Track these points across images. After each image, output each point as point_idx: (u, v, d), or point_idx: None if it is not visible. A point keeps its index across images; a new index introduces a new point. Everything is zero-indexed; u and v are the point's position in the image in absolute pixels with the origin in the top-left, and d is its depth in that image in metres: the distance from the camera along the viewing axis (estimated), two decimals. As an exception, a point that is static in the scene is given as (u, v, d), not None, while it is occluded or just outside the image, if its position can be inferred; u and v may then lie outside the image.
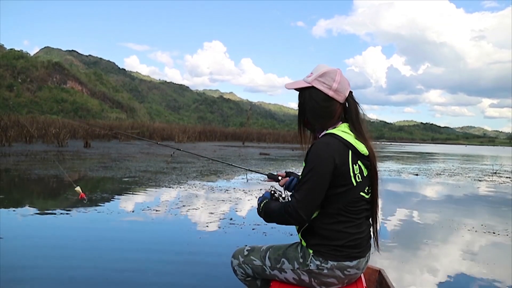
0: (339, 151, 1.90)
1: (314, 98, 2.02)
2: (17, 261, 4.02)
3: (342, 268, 1.97)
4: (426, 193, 10.68)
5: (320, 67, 2.07)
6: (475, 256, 4.86)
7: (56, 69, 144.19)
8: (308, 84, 2.03)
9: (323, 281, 2.01)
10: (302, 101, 2.09)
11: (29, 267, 3.84)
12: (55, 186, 9.13)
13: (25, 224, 5.60)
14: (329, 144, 1.91)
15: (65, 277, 3.61)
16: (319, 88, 2.00)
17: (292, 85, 2.12)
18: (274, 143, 51.29)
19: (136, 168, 13.07)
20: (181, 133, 40.09)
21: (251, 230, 5.50)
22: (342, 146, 1.92)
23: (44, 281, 3.51)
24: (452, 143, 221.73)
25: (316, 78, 2.02)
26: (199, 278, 3.75)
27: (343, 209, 1.94)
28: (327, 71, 2.02)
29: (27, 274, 3.65)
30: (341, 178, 1.90)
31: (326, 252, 1.97)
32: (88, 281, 3.56)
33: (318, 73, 2.03)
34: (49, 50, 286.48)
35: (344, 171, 1.90)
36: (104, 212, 6.42)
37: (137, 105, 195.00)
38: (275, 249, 2.18)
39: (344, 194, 1.93)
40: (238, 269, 2.28)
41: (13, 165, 12.68)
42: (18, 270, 3.77)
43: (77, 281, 3.54)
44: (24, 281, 3.47)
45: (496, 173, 17.56)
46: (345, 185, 1.92)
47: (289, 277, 2.09)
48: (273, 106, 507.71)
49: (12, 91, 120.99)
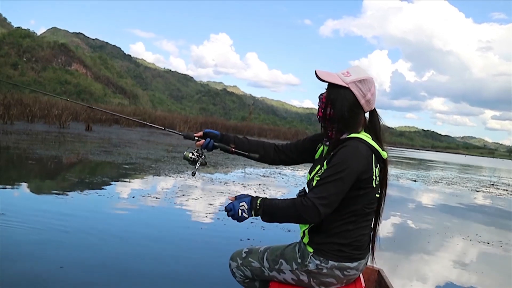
0: (367, 156, 1.92)
1: (348, 100, 1.96)
2: (16, 240, 4.08)
3: (342, 269, 1.98)
4: (423, 200, 10.74)
5: (359, 70, 2.03)
6: (468, 264, 4.92)
7: (61, 50, 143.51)
8: (345, 84, 1.97)
9: (322, 281, 2.01)
10: (333, 97, 2.00)
11: (27, 247, 3.91)
12: (55, 167, 9.19)
13: (24, 203, 5.67)
14: (359, 149, 1.91)
15: (61, 258, 3.67)
16: (354, 92, 1.97)
17: (327, 76, 2.02)
18: (274, 139, 51.18)
19: (137, 155, 13.10)
20: (182, 122, 40.01)
21: (250, 224, 5.55)
22: (368, 151, 1.94)
23: (41, 259, 3.58)
24: (452, 152, 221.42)
25: (354, 81, 1.97)
26: (199, 269, 3.81)
27: (360, 209, 1.96)
28: (366, 79, 1.99)
29: (26, 252, 3.72)
30: (365, 182, 1.92)
31: (328, 252, 1.97)
32: (84, 264, 3.62)
33: (358, 77, 1.98)
34: (56, 31, 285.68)
35: (369, 175, 1.92)
36: (104, 196, 6.48)
37: (140, 92, 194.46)
38: (272, 250, 2.18)
39: (365, 196, 1.95)
40: (237, 271, 2.27)
41: (14, 143, 12.72)
42: (18, 247, 3.84)
43: (72, 264, 3.60)
44: (24, 259, 3.54)
45: (493, 185, 17.63)
46: (367, 188, 1.94)
47: (287, 278, 2.09)
48: (275, 102, 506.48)
49: (16, 69, 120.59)
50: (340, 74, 2.01)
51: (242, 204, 1.93)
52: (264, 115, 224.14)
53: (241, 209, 1.92)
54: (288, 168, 14.46)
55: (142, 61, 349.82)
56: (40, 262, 3.55)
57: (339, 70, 2.07)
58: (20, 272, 3.28)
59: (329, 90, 2.04)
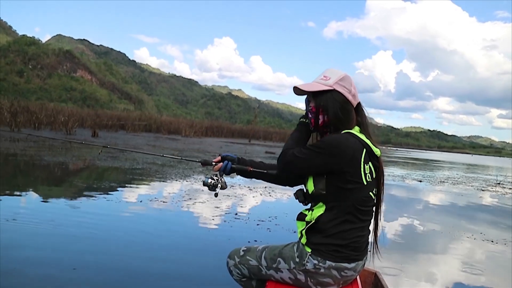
0: (354, 148, 1.94)
1: (338, 101, 2.03)
2: (29, 243, 4.17)
3: (339, 269, 1.99)
4: (428, 199, 10.75)
5: (334, 71, 2.10)
6: (472, 264, 4.94)
7: (66, 57, 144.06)
8: (330, 87, 2.04)
9: (319, 281, 2.02)
10: (323, 103, 2.05)
11: (35, 251, 4.00)
12: (62, 173, 9.29)
13: (31, 209, 5.76)
14: (348, 139, 1.95)
15: (70, 260, 3.76)
16: (341, 91, 2.04)
17: (310, 87, 2.08)
18: (280, 142, 51.19)
19: (143, 160, 13.21)
20: (188, 127, 40.18)
21: (256, 226, 5.63)
22: (358, 144, 1.96)
23: (54, 260, 3.66)
24: (458, 151, 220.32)
25: (337, 82, 2.04)
26: (208, 269, 3.88)
27: (353, 207, 1.96)
28: (344, 76, 2.06)
29: (39, 254, 3.81)
30: (351, 175, 1.93)
31: (325, 252, 1.98)
32: (96, 266, 3.70)
33: (338, 77, 2.06)
34: (61, 37, 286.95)
35: (355, 168, 1.93)
36: (112, 201, 6.57)
37: (146, 97, 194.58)
38: (271, 249, 2.18)
39: (355, 191, 1.95)
40: (234, 270, 2.28)
41: (21, 150, 12.85)
42: (31, 250, 3.93)
43: (85, 266, 3.69)
44: (38, 262, 3.63)
45: (499, 184, 17.57)
46: (356, 183, 1.94)
47: (285, 277, 2.09)
48: (280, 105, 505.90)
49: (22, 77, 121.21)
50: (320, 80, 2.09)
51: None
52: (270, 118, 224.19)
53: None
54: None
55: (146, 67, 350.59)
56: (53, 263, 3.65)
57: (319, 76, 2.13)
58: (34, 274, 3.37)
59: (315, 99, 2.09)
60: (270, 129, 64.62)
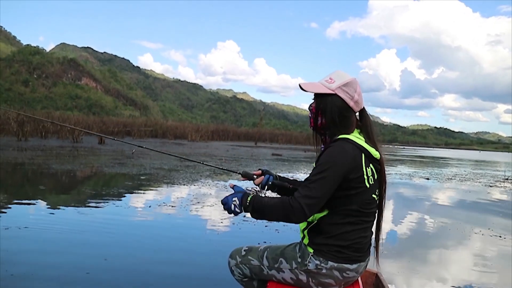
0: (354, 155, 1.92)
1: (337, 106, 2.01)
2: (43, 248, 4.23)
3: (341, 270, 1.98)
4: (436, 197, 10.73)
5: (341, 75, 2.06)
6: (481, 261, 4.93)
7: (71, 66, 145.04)
8: (331, 91, 2.01)
9: (321, 281, 2.01)
10: (322, 106, 2.05)
11: (49, 256, 4.06)
12: (71, 180, 9.36)
13: (42, 216, 5.82)
14: (344, 149, 1.92)
15: (81, 265, 3.81)
16: (342, 97, 2.01)
17: (312, 87, 2.07)
18: (286, 144, 51.22)
19: (151, 165, 13.27)
20: (194, 132, 40.30)
21: (264, 227, 5.66)
22: (356, 150, 1.94)
23: (68, 264, 3.72)
24: (466, 148, 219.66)
25: (340, 87, 2.01)
26: (216, 272, 3.91)
27: (357, 210, 1.96)
28: (350, 81, 2.02)
29: (53, 259, 3.87)
30: (355, 181, 1.92)
31: (327, 253, 1.97)
32: (107, 270, 3.75)
33: (342, 81, 2.02)
34: (65, 46, 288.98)
35: (358, 174, 1.92)
36: (122, 206, 6.63)
37: (151, 103, 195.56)
38: (273, 249, 2.18)
39: (358, 195, 1.95)
40: (236, 269, 2.28)
41: (29, 159, 12.95)
42: (45, 255, 3.99)
43: (97, 269, 3.74)
44: (52, 266, 3.69)
45: (508, 179, 17.50)
46: (359, 188, 1.94)
47: (286, 277, 2.09)
48: (286, 106, 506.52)
49: (27, 86, 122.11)
50: (324, 82, 2.06)
51: (235, 200, 1.99)
52: (275, 120, 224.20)
53: (234, 204, 1.99)
54: (301, 172, 14.53)
55: (151, 72, 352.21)
56: (67, 268, 3.72)
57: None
58: (49, 277, 3.46)
59: (317, 100, 2.09)
60: (276, 131, 64.71)
